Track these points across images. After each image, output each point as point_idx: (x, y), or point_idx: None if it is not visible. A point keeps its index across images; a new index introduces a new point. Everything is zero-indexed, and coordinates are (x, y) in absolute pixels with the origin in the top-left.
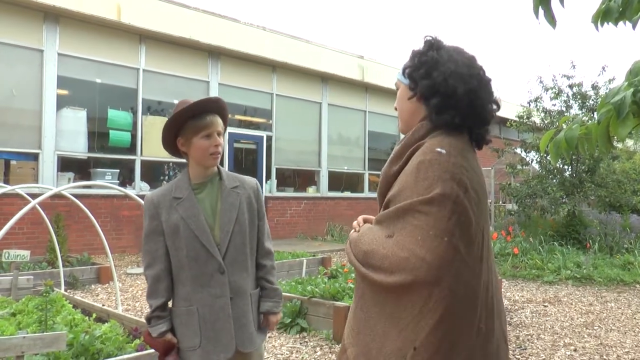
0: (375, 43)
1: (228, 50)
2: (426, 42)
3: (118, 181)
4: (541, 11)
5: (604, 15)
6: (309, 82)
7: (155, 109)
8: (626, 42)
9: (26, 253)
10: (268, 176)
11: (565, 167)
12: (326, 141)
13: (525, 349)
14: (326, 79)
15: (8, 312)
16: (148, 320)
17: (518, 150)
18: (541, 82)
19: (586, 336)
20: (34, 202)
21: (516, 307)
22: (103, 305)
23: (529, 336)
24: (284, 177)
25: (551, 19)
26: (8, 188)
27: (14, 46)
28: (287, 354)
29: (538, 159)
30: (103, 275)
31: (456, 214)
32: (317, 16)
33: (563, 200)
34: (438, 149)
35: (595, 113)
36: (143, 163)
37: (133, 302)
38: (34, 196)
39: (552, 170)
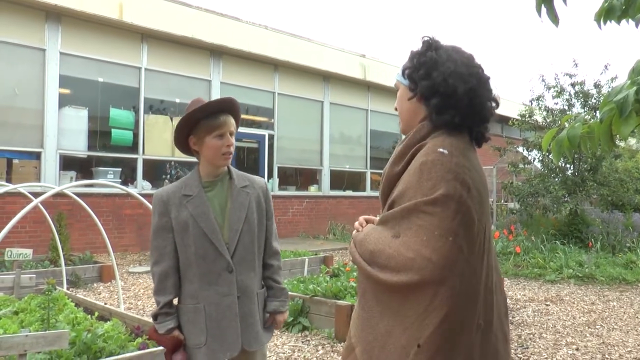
0: (377, 42)
1: (230, 49)
2: (424, 43)
3: (120, 180)
4: (544, 9)
5: (607, 13)
6: (311, 81)
7: (157, 108)
8: (629, 40)
9: (29, 251)
10: (270, 175)
11: (567, 166)
12: (328, 140)
13: (527, 348)
14: (328, 78)
15: (11, 311)
16: (155, 316)
17: (520, 148)
18: (543, 81)
19: (588, 335)
20: (37, 201)
21: (518, 306)
22: (105, 303)
23: (531, 335)
24: (286, 176)
25: (554, 17)
26: (10, 187)
27: (16, 45)
28: (289, 353)
29: (540, 158)
30: (105, 273)
31: (460, 214)
32: (319, 15)
33: (565, 199)
34: (440, 150)
35: (597, 111)
36: (145, 162)
37: (135, 301)
38: (36, 195)
39: (554, 168)
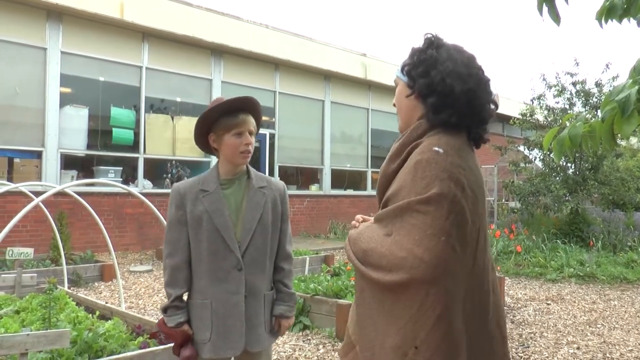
0: (377, 41)
1: (231, 48)
2: (426, 40)
3: (121, 179)
4: (545, 8)
5: (608, 12)
6: (312, 80)
7: (158, 107)
8: (630, 39)
9: (30, 251)
10: (271, 174)
11: (568, 165)
12: (329, 139)
13: (528, 347)
14: (329, 77)
15: (12, 310)
16: (165, 309)
17: (521, 147)
18: (544, 80)
19: (589, 334)
20: (37, 200)
21: (519, 305)
22: (106, 302)
23: (532, 334)
24: (287, 175)
25: (555, 16)
26: (11, 186)
27: (17, 44)
28: (290, 352)
29: (541, 157)
30: (106, 272)
31: (453, 214)
32: (320, 14)
33: (566, 198)
34: (435, 148)
35: (598, 111)
36: (146, 161)
37: (136, 300)
38: (38, 194)
39: (556, 168)
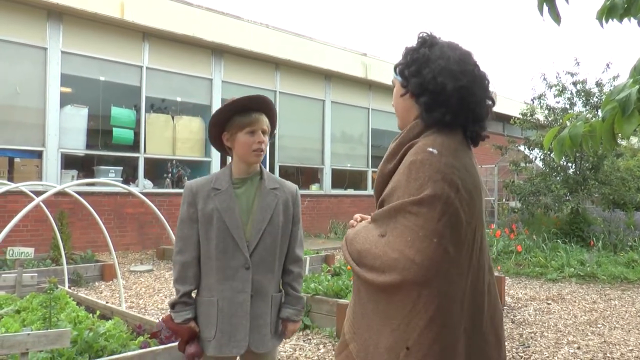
0: (378, 40)
1: (231, 47)
2: (419, 39)
3: (121, 179)
4: (545, 8)
5: (609, 11)
6: (312, 80)
7: (158, 107)
8: (631, 39)
9: (30, 250)
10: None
11: (569, 165)
12: (329, 139)
13: (528, 347)
14: (329, 77)
15: (12, 309)
16: (173, 305)
17: (521, 147)
18: (545, 79)
19: (590, 334)
20: (38, 200)
21: (519, 305)
22: (107, 302)
23: (532, 334)
24: (287, 175)
25: (555, 16)
26: (12, 186)
27: (18, 44)
28: (291, 352)
29: (542, 157)
30: (107, 272)
31: (446, 215)
32: (321, 14)
33: (567, 197)
34: (430, 149)
35: (599, 110)
36: (146, 160)
37: (137, 300)
38: (38, 194)
39: (556, 167)
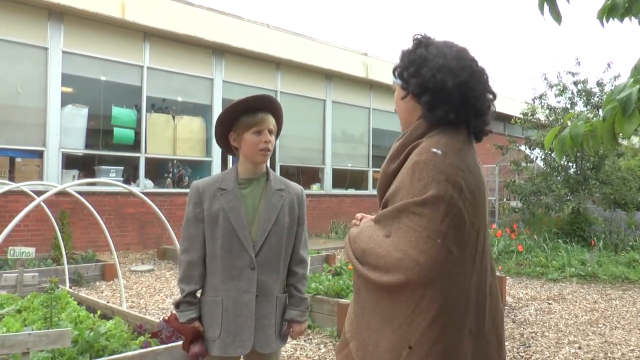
0: (379, 40)
1: (232, 47)
2: (415, 41)
3: (122, 178)
4: (546, 7)
5: (610, 11)
6: (313, 80)
7: (159, 107)
8: (632, 38)
9: (31, 250)
10: None
11: (569, 164)
12: (330, 138)
13: (529, 347)
14: (330, 77)
15: (14, 309)
16: (177, 304)
17: (522, 147)
18: (546, 79)
19: (590, 334)
20: (39, 200)
21: (520, 305)
22: (108, 302)
23: (533, 334)
24: (288, 175)
25: (556, 15)
26: (13, 185)
27: (19, 44)
28: (292, 351)
29: (542, 156)
30: (107, 272)
31: (450, 216)
32: (321, 14)
33: (567, 197)
34: (434, 150)
35: (600, 110)
36: (147, 160)
37: (137, 299)
38: (39, 193)
39: (557, 167)
